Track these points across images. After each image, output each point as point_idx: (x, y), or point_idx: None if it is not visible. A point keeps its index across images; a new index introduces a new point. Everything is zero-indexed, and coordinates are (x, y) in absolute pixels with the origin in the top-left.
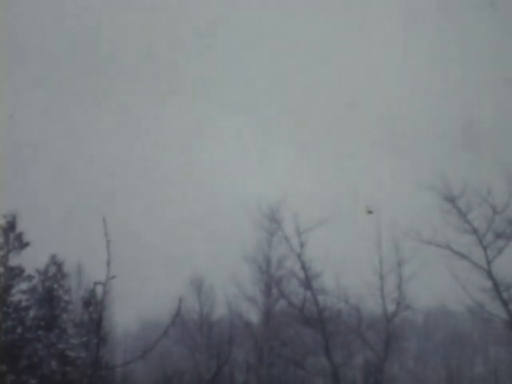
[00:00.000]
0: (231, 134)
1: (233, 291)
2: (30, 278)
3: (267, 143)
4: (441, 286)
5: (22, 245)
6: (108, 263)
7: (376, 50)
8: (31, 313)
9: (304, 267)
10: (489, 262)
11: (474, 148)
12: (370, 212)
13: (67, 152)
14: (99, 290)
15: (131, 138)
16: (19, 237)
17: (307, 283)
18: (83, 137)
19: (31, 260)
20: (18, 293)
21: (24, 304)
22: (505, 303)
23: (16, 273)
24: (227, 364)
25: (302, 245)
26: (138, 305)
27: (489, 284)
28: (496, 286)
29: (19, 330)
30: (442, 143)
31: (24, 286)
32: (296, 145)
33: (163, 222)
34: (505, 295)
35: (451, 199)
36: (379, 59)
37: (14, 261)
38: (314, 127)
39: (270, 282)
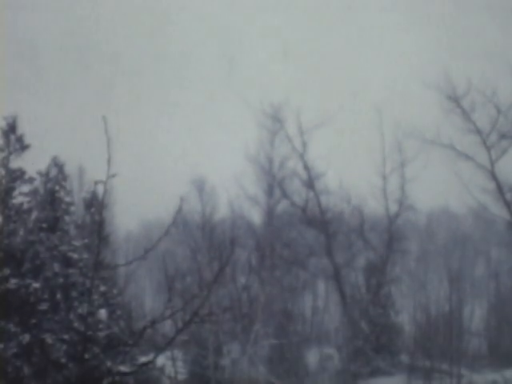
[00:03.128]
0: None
1: (235, 191)
2: (31, 180)
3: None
4: (444, 188)
5: (23, 147)
6: (108, 162)
7: None
8: (33, 215)
9: (307, 167)
10: (492, 163)
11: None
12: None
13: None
14: (100, 190)
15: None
16: (20, 139)
17: (310, 183)
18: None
19: (32, 163)
20: (20, 195)
21: (26, 206)
22: (508, 204)
23: (17, 175)
24: (229, 265)
25: (304, 144)
26: (139, 206)
27: (492, 185)
28: (499, 187)
29: (21, 233)
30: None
31: (25, 188)
32: (301, 43)
33: (166, 122)
34: (508, 196)
35: (455, 98)
36: None
37: (15, 163)
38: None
39: (273, 183)
